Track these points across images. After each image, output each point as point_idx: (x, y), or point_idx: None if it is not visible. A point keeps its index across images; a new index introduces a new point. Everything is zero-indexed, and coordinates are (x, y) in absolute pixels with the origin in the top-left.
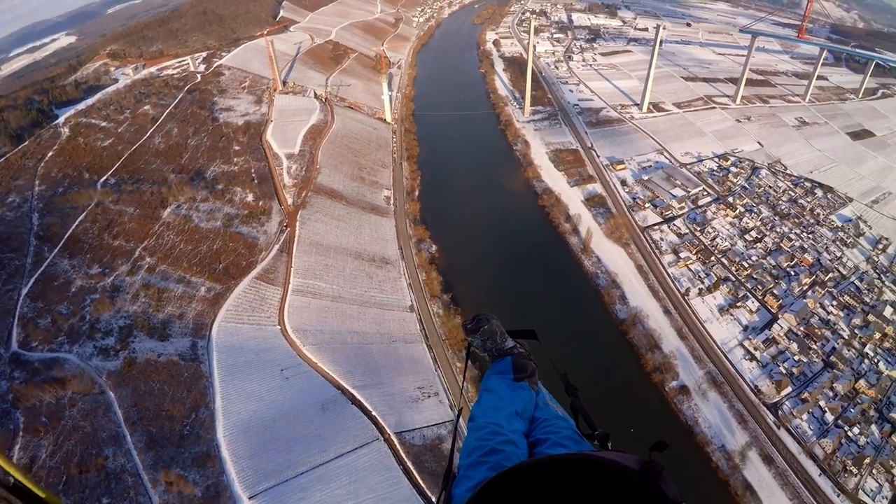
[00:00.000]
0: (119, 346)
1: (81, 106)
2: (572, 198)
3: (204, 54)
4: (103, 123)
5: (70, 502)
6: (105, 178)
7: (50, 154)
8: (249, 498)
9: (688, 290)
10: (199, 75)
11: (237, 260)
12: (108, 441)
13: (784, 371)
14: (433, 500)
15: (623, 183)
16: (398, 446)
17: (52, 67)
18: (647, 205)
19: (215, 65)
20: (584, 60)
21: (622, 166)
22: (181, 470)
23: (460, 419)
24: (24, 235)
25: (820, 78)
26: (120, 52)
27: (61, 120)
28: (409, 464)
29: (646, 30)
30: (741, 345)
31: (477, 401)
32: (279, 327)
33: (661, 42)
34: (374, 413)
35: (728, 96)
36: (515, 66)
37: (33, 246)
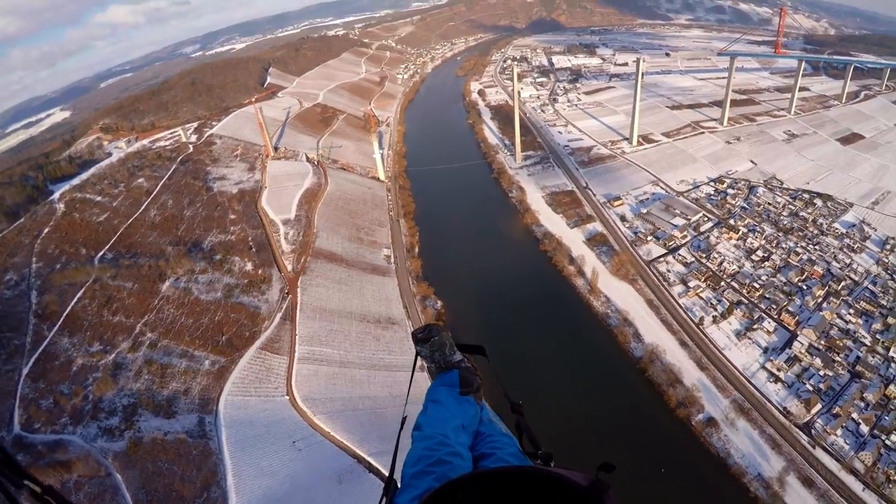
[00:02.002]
0: (124, 425)
1: (76, 181)
2: (574, 239)
3: (195, 124)
4: (98, 198)
5: None
6: (102, 253)
7: (46, 230)
8: None
9: (702, 318)
10: (191, 146)
11: (240, 331)
12: None
13: (811, 388)
14: None
15: (622, 219)
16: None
17: (47, 143)
18: (649, 238)
19: (206, 134)
20: (568, 101)
21: (619, 202)
22: None
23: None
24: (22, 314)
25: (802, 89)
26: (112, 126)
27: (56, 196)
28: None
29: (626, 64)
30: (763, 367)
31: (423, 410)
32: (288, 398)
33: (642, 75)
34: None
35: (715, 119)
36: (502, 113)
37: (32, 324)
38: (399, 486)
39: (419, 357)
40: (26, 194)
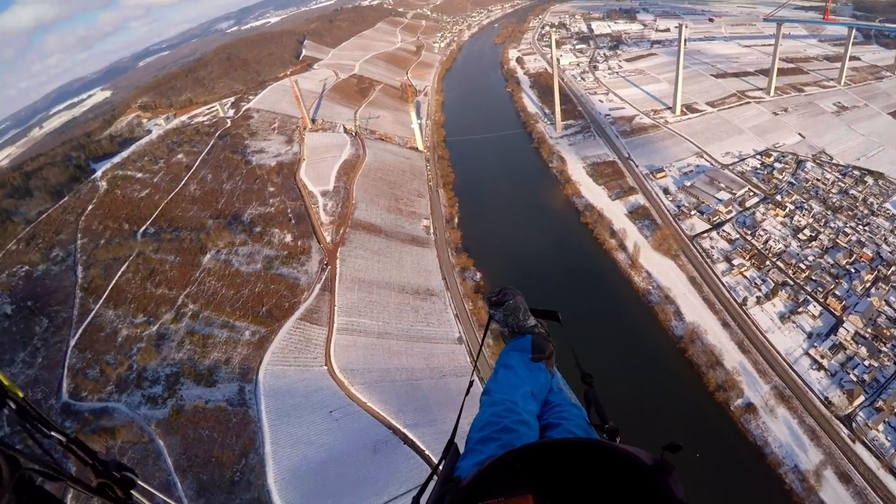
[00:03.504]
0: (167, 394)
1: (117, 159)
2: (615, 212)
3: (232, 99)
4: (139, 175)
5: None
6: (144, 228)
7: (90, 208)
8: None
9: (745, 299)
10: (228, 120)
11: (280, 302)
12: (158, 489)
13: (855, 378)
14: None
15: (666, 191)
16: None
17: (89, 122)
18: (692, 212)
19: (244, 108)
20: (609, 69)
21: (662, 174)
22: None
23: (470, 391)
24: (69, 288)
25: (852, 59)
26: (151, 104)
27: (98, 174)
28: None
29: (667, 30)
30: (807, 354)
31: (493, 375)
32: (326, 368)
33: (685, 41)
34: (427, 452)
35: (761, 89)
36: (541, 81)
37: (79, 298)
38: (461, 450)
39: (492, 320)
40: (69, 174)
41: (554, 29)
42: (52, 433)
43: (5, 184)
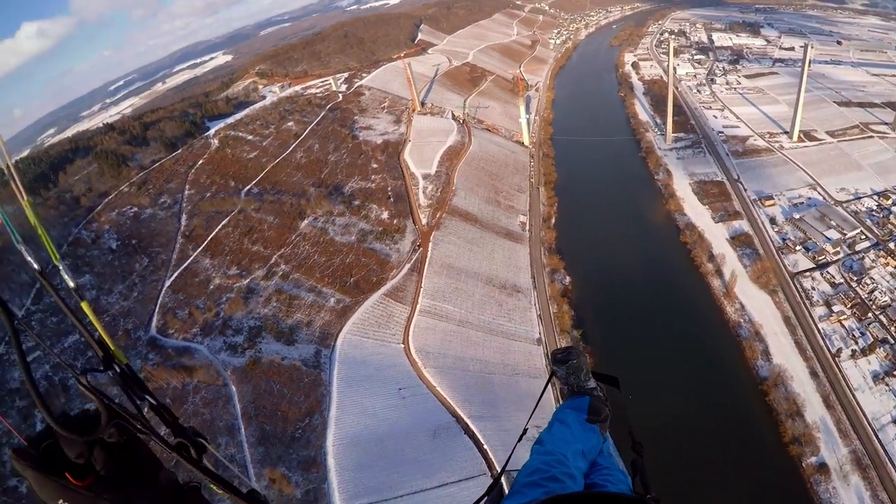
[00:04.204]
0: (247, 344)
1: (231, 120)
2: (716, 235)
3: (345, 75)
4: (249, 137)
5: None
6: (248, 187)
7: (200, 162)
8: None
9: (839, 350)
10: (340, 95)
11: (368, 275)
12: (223, 430)
13: None
14: None
15: (772, 221)
16: (504, 486)
17: (208, 83)
18: (797, 247)
19: (356, 85)
20: (727, 83)
21: (771, 202)
22: (286, 470)
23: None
24: (172, 233)
25: None
26: (267, 72)
27: (212, 132)
28: None
29: (792, 49)
30: (895, 422)
31: (547, 427)
32: (402, 346)
33: (809, 63)
34: (485, 447)
35: (887, 124)
36: (655, 89)
37: (179, 243)
38: (506, 490)
39: (554, 377)
40: (185, 129)
41: (673, 36)
42: (146, 396)
43: (125, 131)
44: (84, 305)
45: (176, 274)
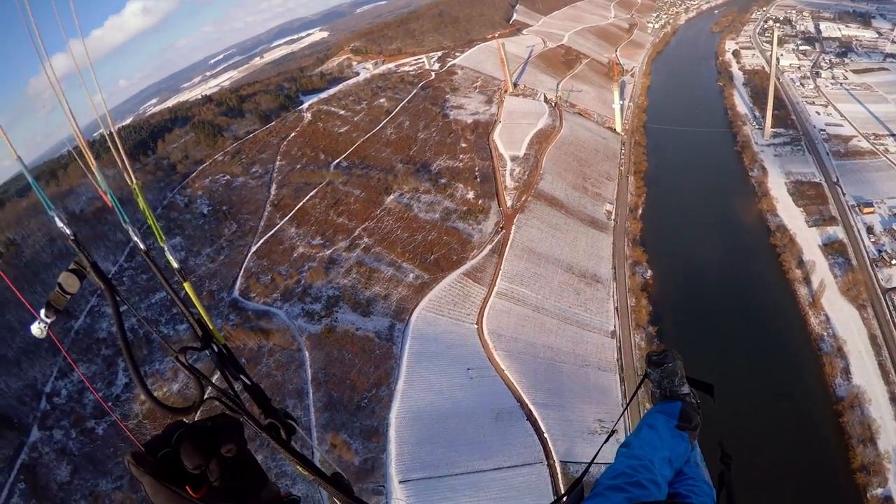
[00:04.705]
0: (324, 312)
1: (324, 95)
2: (808, 240)
3: (438, 53)
4: (341, 112)
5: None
6: (338, 161)
7: (292, 134)
8: (400, 482)
9: None
10: (432, 73)
11: (448, 254)
12: (292, 393)
13: None
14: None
15: (869, 230)
16: (559, 475)
17: (304, 58)
18: (893, 261)
19: (449, 64)
20: (833, 78)
21: (871, 210)
22: (348, 437)
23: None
24: (261, 201)
25: None
26: (362, 49)
27: (305, 106)
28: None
29: None
30: None
31: (635, 431)
32: (476, 327)
33: None
34: (545, 435)
35: None
36: (755, 80)
37: (267, 211)
38: (587, 492)
39: (647, 379)
40: (279, 102)
41: (778, 24)
42: (241, 376)
43: (223, 103)
44: (186, 286)
45: (262, 241)
